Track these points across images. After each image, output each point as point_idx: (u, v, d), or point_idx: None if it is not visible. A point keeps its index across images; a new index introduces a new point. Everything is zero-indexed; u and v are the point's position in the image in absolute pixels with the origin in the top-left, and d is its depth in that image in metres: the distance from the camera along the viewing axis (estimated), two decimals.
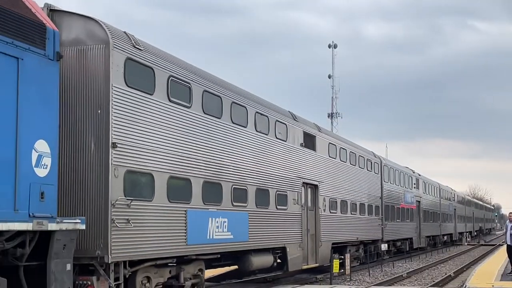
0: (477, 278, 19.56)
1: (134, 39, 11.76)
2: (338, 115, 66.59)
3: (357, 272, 24.90)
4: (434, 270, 28.50)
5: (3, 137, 8.41)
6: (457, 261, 34.48)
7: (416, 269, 27.53)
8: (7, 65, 8.52)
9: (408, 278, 24.17)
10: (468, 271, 26.56)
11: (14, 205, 8.57)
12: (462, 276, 25.23)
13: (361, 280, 22.39)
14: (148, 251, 11.80)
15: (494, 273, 20.94)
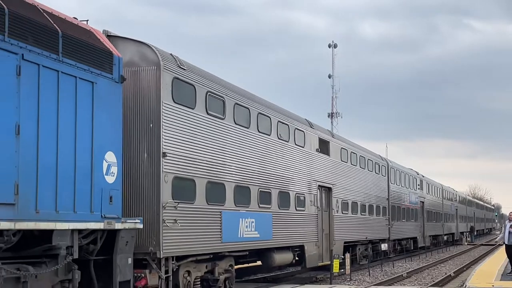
0: (477, 278, 19.54)
1: (179, 60, 13.27)
2: (338, 115, 66.73)
3: (357, 272, 24.97)
4: (434, 270, 28.52)
5: (83, 150, 9.90)
6: (457, 261, 34.58)
7: (416, 268, 27.60)
8: (85, 88, 10.01)
9: (408, 278, 24.08)
10: (468, 271, 26.60)
11: (91, 208, 10.07)
12: (462, 276, 25.21)
13: (361, 280, 22.44)
14: (191, 248, 13.31)
15: (494, 273, 20.90)
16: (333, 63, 65.80)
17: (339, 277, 22.26)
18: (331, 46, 66.17)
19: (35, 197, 8.90)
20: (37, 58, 9.01)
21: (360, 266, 26.84)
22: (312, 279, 21.52)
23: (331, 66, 66.33)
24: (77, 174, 9.76)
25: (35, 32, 9.05)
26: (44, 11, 9.66)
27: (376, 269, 26.57)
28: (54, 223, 9.24)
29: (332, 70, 65.81)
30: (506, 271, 20.96)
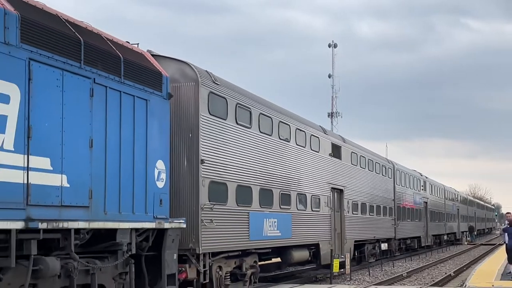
0: (477, 277, 19.56)
1: (213, 76, 14.75)
2: (338, 115, 66.54)
3: (357, 271, 25.10)
4: (434, 269, 28.61)
5: (139, 159, 11.37)
6: (457, 260, 34.66)
7: (416, 268, 27.69)
8: (141, 105, 11.48)
9: (408, 278, 24.11)
10: (468, 270, 26.66)
11: (145, 209, 11.54)
12: (462, 275, 25.25)
13: (361, 280, 22.52)
14: (224, 245, 14.79)
15: (494, 272, 20.93)
16: (333, 63, 65.72)
17: (339, 277, 22.39)
18: (331, 46, 65.88)
19: (104, 201, 10.37)
20: (105, 81, 10.48)
21: (361, 265, 27.29)
22: (312, 278, 21.78)
23: (331, 66, 66.23)
24: (135, 180, 11.23)
25: (103, 59, 10.52)
26: (108, 39, 11.14)
27: (376, 268, 26.80)
28: (118, 223, 10.71)
29: (332, 70, 65.73)
30: (506, 271, 20.94)
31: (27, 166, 8.74)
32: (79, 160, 9.79)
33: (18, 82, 8.66)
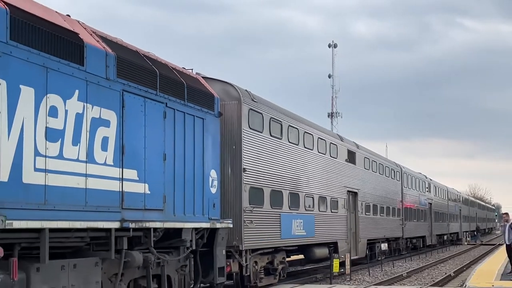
0: (477, 277, 19.56)
1: (252, 95, 16.81)
2: (338, 115, 66.80)
3: (357, 271, 25.29)
4: (434, 269, 28.71)
5: (198, 169, 13.42)
6: (457, 260, 34.80)
7: (416, 268, 27.80)
8: (199, 123, 13.53)
9: (408, 278, 24.20)
10: (468, 270, 26.76)
11: (202, 212, 13.59)
12: (462, 275, 25.32)
13: (361, 280, 22.63)
14: (261, 243, 16.85)
15: (494, 272, 20.90)
16: (333, 63, 65.59)
17: (339, 277, 22.53)
18: (331, 46, 65.61)
19: (173, 205, 12.42)
20: (173, 105, 12.54)
21: (361, 265, 27.54)
22: (312, 279, 21.89)
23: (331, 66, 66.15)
24: (195, 187, 13.28)
25: (172, 86, 12.57)
26: (173, 69, 13.19)
27: (376, 268, 26.92)
28: (183, 223, 12.77)
29: (332, 70, 65.64)
30: (506, 270, 21.02)
31: (122, 177, 10.80)
32: (155, 171, 11.84)
33: (115, 109, 10.72)
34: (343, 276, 22.71)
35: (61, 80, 9.46)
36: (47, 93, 9.16)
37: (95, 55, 10.31)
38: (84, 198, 9.85)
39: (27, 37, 8.84)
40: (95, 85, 10.24)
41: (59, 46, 9.49)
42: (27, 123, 8.76)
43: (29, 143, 8.77)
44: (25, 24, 8.83)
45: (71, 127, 9.64)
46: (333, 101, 66.29)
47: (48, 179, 9.09)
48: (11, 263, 8.44)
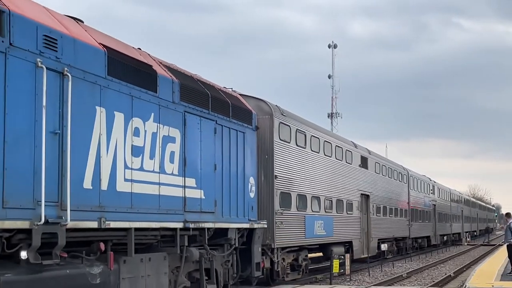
0: (477, 278, 19.57)
1: (281, 109, 18.82)
2: (338, 115, 67.65)
3: (357, 272, 25.42)
4: (434, 270, 28.85)
5: (240, 177, 15.40)
6: (457, 261, 35.07)
7: (416, 269, 27.93)
8: (240, 137, 15.51)
9: (408, 278, 24.35)
10: (468, 271, 26.75)
11: (243, 214, 15.58)
12: (462, 276, 25.41)
13: (361, 280, 22.80)
14: (289, 241, 18.84)
15: (494, 273, 20.91)
16: (333, 64, 66.12)
17: (339, 277, 22.66)
18: (331, 46, 66.08)
19: (221, 207, 14.41)
20: (222, 121, 14.54)
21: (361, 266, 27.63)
22: (312, 279, 21.88)
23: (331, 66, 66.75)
24: (238, 193, 15.27)
25: (220, 105, 14.57)
26: (219, 90, 15.20)
27: (376, 269, 27.10)
28: (229, 223, 14.76)
29: (332, 71, 66.14)
30: (506, 271, 21.03)
31: (184, 185, 12.80)
32: (208, 179, 13.84)
33: (179, 127, 12.72)
34: (343, 276, 22.88)
35: (142, 105, 11.47)
36: (132, 117, 11.16)
37: (165, 83, 12.32)
38: (157, 202, 11.85)
39: (119, 72, 10.84)
40: (165, 108, 12.24)
41: (140, 78, 11.49)
42: (119, 142, 10.76)
43: (120, 158, 10.77)
44: (117, 62, 10.84)
45: (149, 144, 11.65)
46: (333, 101, 66.48)
47: (133, 188, 11.09)
48: (109, 256, 10.42)
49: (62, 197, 9.30)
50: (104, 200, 10.29)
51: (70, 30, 9.98)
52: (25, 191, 8.65)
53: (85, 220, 9.82)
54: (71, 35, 9.83)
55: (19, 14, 8.74)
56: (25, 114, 8.71)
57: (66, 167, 9.36)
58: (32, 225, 8.68)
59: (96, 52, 10.34)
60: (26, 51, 8.77)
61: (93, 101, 10.15)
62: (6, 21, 8.47)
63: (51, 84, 9.14)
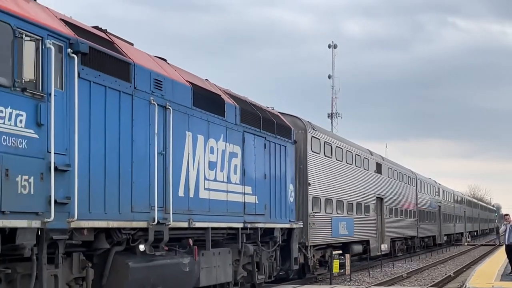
0: (477, 278, 19.60)
1: (312, 125, 21.56)
2: (338, 115, 67.15)
3: (357, 272, 25.60)
4: (434, 270, 28.99)
5: (283, 184, 18.11)
6: (457, 261, 35.26)
7: (416, 269, 28.09)
8: (282, 150, 18.20)
9: (408, 279, 24.44)
10: (468, 271, 26.79)
11: (285, 216, 18.29)
12: (462, 276, 25.46)
13: (361, 280, 22.96)
14: (320, 240, 21.56)
15: (494, 273, 20.87)
16: (333, 64, 66.06)
17: (339, 277, 22.93)
18: (331, 46, 66.13)
19: (270, 210, 17.12)
20: (269, 138, 17.25)
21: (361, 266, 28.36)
22: (312, 279, 21.92)
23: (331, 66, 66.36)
24: (281, 197, 17.98)
25: (268, 124, 17.28)
26: (266, 110, 17.91)
27: (376, 269, 27.35)
28: (275, 224, 17.47)
29: (332, 71, 66.07)
30: (506, 271, 20.97)
31: (244, 192, 15.52)
32: (261, 187, 16.56)
33: (240, 144, 15.44)
34: (343, 276, 23.19)
35: (215, 128, 14.20)
36: (209, 138, 13.89)
37: (230, 109, 15.05)
38: (226, 207, 14.57)
39: (200, 103, 13.57)
40: (230, 129, 14.97)
41: (214, 106, 14.22)
42: (200, 159, 13.48)
43: (201, 171, 13.49)
44: (199, 94, 13.56)
45: (220, 159, 14.37)
46: (333, 101, 65.83)
47: (210, 195, 13.82)
48: (194, 250, 13.13)
49: (166, 203, 12.03)
50: (191, 205, 13.01)
51: (168, 72, 12.71)
52: (144, 198, 11.38)
53: (180, 221, 12.54)
54: (169, 76, 12.56)
55: (139, 64, 11.48)
56: (143, 140, 11.44)
57: (169, 180, 12.10)
58: (148, 225, 11.41)
59: (185, 89, 13.08)
60: (144, 92, 11.50)
61: (184, 127, 12.88)
62: (132, 71, 11.20)
63: (159, 116, 11.87)
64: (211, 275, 14.04)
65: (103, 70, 10.34)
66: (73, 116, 9.48)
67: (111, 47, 10.96)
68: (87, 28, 10.76)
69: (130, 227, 11.06)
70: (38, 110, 8.79)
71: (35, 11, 9.26)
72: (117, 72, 10.76)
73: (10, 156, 8.26)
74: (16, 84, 8.45)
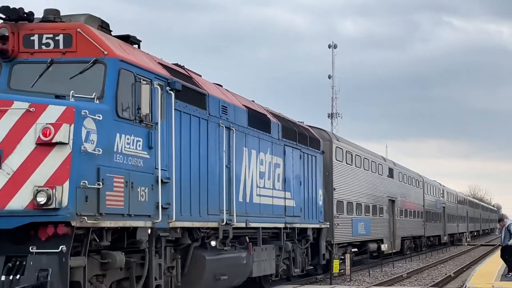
0: (477, 278, 19.68)
1: (336, 136, 24.23)
2: (338, 115, 67.04)
3: (357, 272, 25.82)
4: (434, 270, 29.25)
5: (314, 189, 20.73)
6: (457, 261, 35.68)
7: (416, 269, 28.37)
8: (314, 160, 20.83)
9: (408, 279, 24.62)
10: (468, 271, 26.99)
11: (316, 217, 20.92)
12: (462, 276, 25.69)
13: (361, 280, 23.16)
14: (343, 239, 24.21)
15: (494, 273, 20.94)
16: (333, 64, 66.01)
17: (339, 278, 23.15)
18: (331, 46, 66.10)
19: (304, 212, 19.75)
20: (304, 149, 19.88)
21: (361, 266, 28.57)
22: (312, 279, 22.08)
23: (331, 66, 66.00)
24: (312, 201, 20.61)
25: (302, 137, 19.91)
26: (300, 126, 20.55)
27: (376, 269, 27.57)
28: (308, 224, 20.11)
29: (332, 71, 65.93)
30: (505, 271, 20.76)
31: (285, 197, 18.16)
32: (297, 192, 19.20)
33: (281, 156, 18.07)
34: (343, 276, 23.41)
35: (263, 144, 16.84)
36: (259, 152, 16.53)
37: (274, 126, 17.69)
38: (272, 210, 17.21)
39: (253, 123, 16.21)
40: (274, 144, 17.61)
41: (262, 125, 16.86)
42: (254, 170, 16.13)
43: (254, 180, 16.14)
44: (252, 116, 16.21)
45: (267, 169, 17.01)
46: (333, 101, 65.47)
47: (260, 200, 16.46)
48: (249, 246, 15.75)
49: (230, 207, 14.67)
50: (247, 209, 15.65)
51: (229, 98, 15.37)
52: (215, 204, 14.01)
53: (240, 222, 15.17)
54: (232, 102, 15.22)
55: (211, 94, 14.13)
56: (215, 156, 14.08)
57: (232, 188, 14.75)
58: (219, 225, 14.06)
59: (243, 112, 15.74)
60: (215, 117, 14.14)
61: (242, 144, 15.52)
62: (207, 100, 13.84)
63: (225, 136, 14.51)
64: (261, 267, 16.67)
65: (188, 102, 12.97)
66: (171, 139, 12.11)
67: (191, 81, 13.59)
68: (175, 68, 13.39)
69: (206, 227, 13.69)
70: (149, 136, 11.41)
71: (143, 59, 11.89)
72: (197, 102, 13.40)
73: (133, 173, 10.88)
74: (137, 118, 11.07)
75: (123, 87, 10.76)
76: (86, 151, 9.76)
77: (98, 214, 9.92)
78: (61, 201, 9.37)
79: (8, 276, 9.32)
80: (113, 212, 10.31)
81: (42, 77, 10.50)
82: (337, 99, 65.62)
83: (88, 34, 10.68)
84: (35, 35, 10.64)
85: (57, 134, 9.47)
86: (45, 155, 9.54)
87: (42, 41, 10.64)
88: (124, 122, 10.74)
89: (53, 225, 9.38)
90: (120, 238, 10.94)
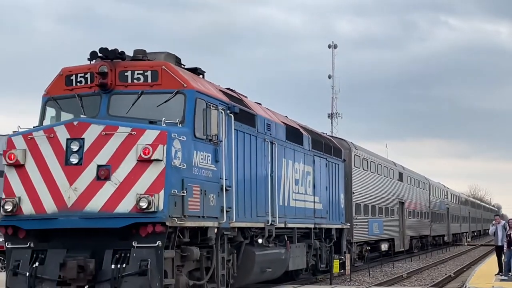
0: (477, 278, 19.71)
1: (355, 145, 26.69)
2: (338, 115, 66.78)
3: (357, 272, 25.94)
4: (434, 270, 29.37)
5: (337, 194, 23.18)
6: (457, 261, 35.85)
7: (416, 269, 28.44)
8: (336, 167, 23.29)
9: (408, 279, 24.69)
10: (468, 271, 27.21)
11: (338, 218, 23.39)
12: (462, 276, 25.84)
13: (361, 281, 23.25)
14: (361, 238, 26.69)
15: (494, 273, 21.00)
16: (333, 64, 65.81)
17: (339, 278, 23.28)
18: (331, 46, 65.92)
19: (329, 214, 22.21)
20: (329, 159, 22.34)
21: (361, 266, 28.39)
22: (312, 279, 22.05)
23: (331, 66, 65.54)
24: (335, 204, 23.06)
25: (327, 148, 22.37)
26: (325, 137, 23.03)
27: (376, 269, 27.69)
28: (332, 224, 22.58)
29: (332, 71, 65.63)
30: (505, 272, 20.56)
31: (314, 201, 20.64)
32: (324, 196, 21.67)
33: (311, 165, 20.54)
34: (343, 276, 23.54)
35: (298, 155, 19.32)
36: (294, 162, 19.01)
37: (305, 139, 20.18)
38: (304, 212, 19.69)
39: (290, 137, 18.69)
40: (306, 154, 20.09)
41: (296, 138, 19.34)
42: (290, 178, 18.61)
43: (291, 187, 18.62)
44: (289, 131, 18.70)
45: (300, 177, 19.50)
46: (333, 101, 65.09)
47: (295, 203, 18.94)
48: (287, 243, 18.22)
49: (273, 210, 17.15)
50: (286, 212, 18.14)
51: (271, 116, 17.86)
52: (262, 207, 16.49)
53: (280, 223, 17.65)
54: (273, 120, 17.72)
55: (259, 114, 16.62)
56: (262, 167, 16.57)
57: (275, 193, 17.24)
58: (265, 225, 16.54)
59: (282, 127, 18.23)
60: (261, 133, 16.64)
61: (281, 155, 18.01)
62: (256, 120, 16.34)
63: (269, 149, 17.00)
64: (295, 262, 19.14)
65: (243, 122, 15.47)
66: (231, 154, 14.62)
67: (243, 104, 16.08)
68: (231, 93, 15.87)
69: (255, 227, 16.18)
70: (216, 152, 13.90)
71: (210, 88, 14.39)
72: (249, 122, 15.89)
73: (205, 182, 13.37)
74: (207, 137, 13.55)
75: (198, 113, 13.26)
76: (175, 166, 12.27)
77: (183, 216, 12.41)
78: (158, 206, 11.87)
79: (116, 265, 11.78)
80: (193, 214, 12.82)
81: (134, 105, 13.00)
82: (337, 99, 65.29)
83: (170, 70, 13.19)
84: (129, 71, 13.15)
85: (155, 153, 11.97)
86: (144, 169, 12.04)
87: (134, 76, 13.15)
88: (199, 141, 13.25)
89: (151, 225, 11.85)
90: (194, 236, 13.42)
